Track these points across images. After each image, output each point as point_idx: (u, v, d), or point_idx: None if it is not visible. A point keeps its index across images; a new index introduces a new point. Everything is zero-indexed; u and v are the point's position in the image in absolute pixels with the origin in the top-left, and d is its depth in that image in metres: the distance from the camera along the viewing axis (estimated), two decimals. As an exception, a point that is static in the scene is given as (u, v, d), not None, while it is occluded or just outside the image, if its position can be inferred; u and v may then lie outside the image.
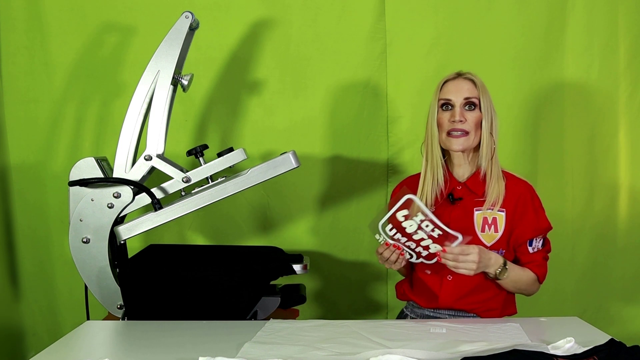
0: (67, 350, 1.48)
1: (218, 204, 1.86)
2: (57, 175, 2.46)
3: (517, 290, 1.81)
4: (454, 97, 1.75)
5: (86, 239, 1.84)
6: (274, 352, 1.39)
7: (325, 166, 2.51)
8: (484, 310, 1.80)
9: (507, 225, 1.76)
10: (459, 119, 1.73)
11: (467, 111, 1.74)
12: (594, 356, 1.27)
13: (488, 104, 1.76)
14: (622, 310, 2.50)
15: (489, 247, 1.74)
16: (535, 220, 1.77)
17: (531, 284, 1.79)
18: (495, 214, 1.75)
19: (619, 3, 2.41)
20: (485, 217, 1.75)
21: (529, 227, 1.77)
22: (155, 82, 1.88)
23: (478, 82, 1.77)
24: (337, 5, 2.45)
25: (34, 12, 2.45)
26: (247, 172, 1.84)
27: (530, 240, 1.77)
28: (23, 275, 2.55)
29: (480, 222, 1.75)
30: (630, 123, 2.45)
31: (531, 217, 1.76)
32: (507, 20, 2.42)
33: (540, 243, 1.79)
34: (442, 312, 1.82)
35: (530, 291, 1.83)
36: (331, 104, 2.49)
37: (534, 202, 1.79)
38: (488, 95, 1.78)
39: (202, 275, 1.79)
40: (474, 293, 1.78)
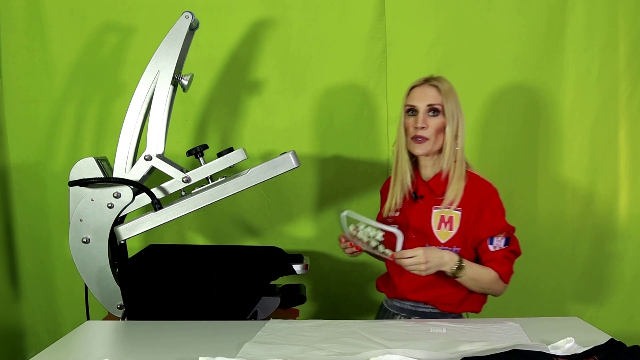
0: (67, 350, 1.48)
1: (218, 204, 1.86)
2: (57, 175, 2.47)
3: (480, 289, 1.83)
4: (418, 103, 1.83)
5: (86, 239, 1.84)
6: (274, 352, 1.39)
7: (326, 166, 2.51)
8: (440, 303, 1.85)
9: (462, 224, 1.81)
10: (421, 125, 1.81)
11: (431, 117, 1.82)
12: (594, 356, 1.27)
13: (453, 109, 1.82)
14: (622, 310, 2.50)
15: (444, 244, 1.80)
16: (490, 220, 1.80)
17: (493, 282, 1.80)
18: (452, 212, 1.82)
19: (619, 3, 2.41)
20: (442, 216, 1.82)
21: (484, 226, 1.81)
22: (155, 82, 1.87)
23: (443, 88, 1.83)
24: (337, 5, 2.45)
25: (34, 12, 2.45)
26: (247, 172, 1.84)
27: (491, 238, 1.80)
28: (23, 275, 2.55)
29: (437, 220, 1.82)
30: (630, 123, 2.45)
31: (487, 218, 1.80)
32: (507, 20, 2.42)
33: (503, 242, 1.81)
34: (405, 303, 1.89)
35: (494, 290, 1.84)
36: (331, 104, 2.49)
37: (490, 203, 1.82)
38: (454, 100, 1.84)
39: (202, 275, 1.79)
40: (431, 286, 1.83)
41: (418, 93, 1.84)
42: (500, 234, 1.81)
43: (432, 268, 1.73)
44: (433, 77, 1.86)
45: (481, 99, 2.45)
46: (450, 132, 1.81)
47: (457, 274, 1.75)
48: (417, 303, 1.87)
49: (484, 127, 2.47)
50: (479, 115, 2.46)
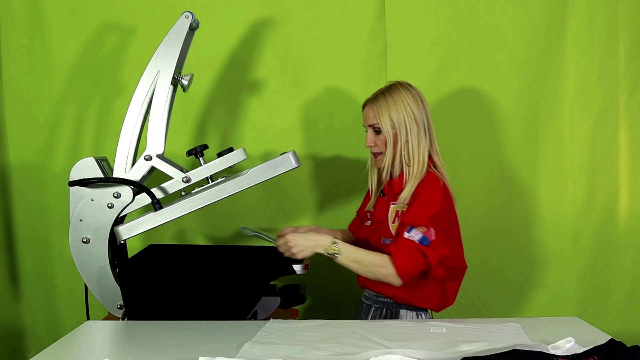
0: (67, 350, 1.48)
1: (218, 204, 1.86)
2: (57, 175, 2.46)
3: (367, 272, 1.84)
4: (364, 124, 1.98)
5: (86, 239, 1.84)
6: (274, 352, 1.39)
7: (325, 166, 2.51)
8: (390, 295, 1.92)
9: None
10: (369, 145, 1.96)
11: (377, 135, 1.95)
12: (594, 356, 1.27)
13: (388, 123, 1.90)
14: (622, 310, 2.50)
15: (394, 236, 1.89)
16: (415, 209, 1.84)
17: (379, 265, 1.81)
18: (404, 208, 1.90)
19: (619, 3, 2.41)
20: (397, 211, 1.91)
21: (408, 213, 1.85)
22: (155, 82, 1.87)
23: (376, 107, 1.93)
24: (337, 5, 2.45)
25: (34, 12, 2.45)
26: (247, 172, 1.84)
27: (410, 227, 1.82)
28: (23, 275, 2.55)
29: (393, 215, 1.92)
30: (630, 123, 2.45)
31: (414, 207, 1.85)
32: (508, 21, 2.42)
33: (419, 237, 1.81)
34: (370, 292, 1.99)
35: (384, 275, 1.82)
36: (331, 104, 2.49)
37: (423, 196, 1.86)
38: (388, 114, 1.91)
39: (202, 275, 1.79)
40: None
41: (363, 114, 1.99)
42: (420, 227, 1.81)
43: (304, 249, 1.81)
44: (373, 96, 1.95)
45: (481, 99, 2.45)
46: (391, 144, 1.91)
47: (330, 252, 1.81)
48: (378, 294, 1.96)
49: (484, 127, 2.47)
50: (479, 115, 2.46)
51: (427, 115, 1.94)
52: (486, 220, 2.48)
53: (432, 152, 1.95)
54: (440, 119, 2.46)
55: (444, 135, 2.47)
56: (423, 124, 1.92)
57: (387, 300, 1.95)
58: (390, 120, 1.90)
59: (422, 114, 1.92)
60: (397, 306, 1.93)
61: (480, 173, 2.49)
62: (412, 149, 1.91)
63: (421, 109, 1.93)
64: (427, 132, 1.93)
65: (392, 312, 1.94)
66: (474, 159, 2.48)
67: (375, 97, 1.95)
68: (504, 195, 2.49)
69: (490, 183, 2.49)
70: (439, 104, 2.45)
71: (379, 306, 1.96)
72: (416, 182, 1.89)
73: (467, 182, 2.47)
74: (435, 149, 1.95)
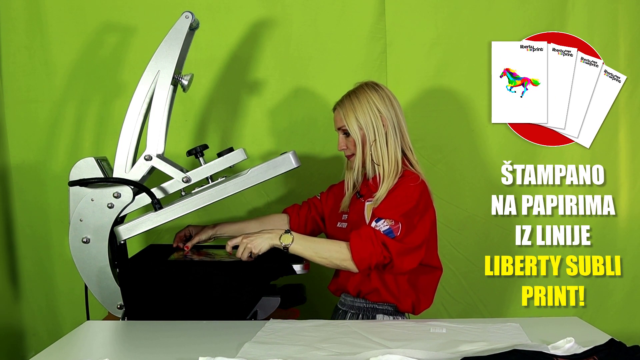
0: (67, 350, 1.48)
1: (218, 204, 1.86)
2: (57, 175, 2.46)
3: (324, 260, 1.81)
4: (335, 128, 2.00)
5: (86, 239, 1.84)
6: (274, 352, 1.39)
7: (325, 166, 2.51)
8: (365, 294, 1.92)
9: None
10: (340, 148, 1.98)
11: (347, 138, 1.96)
12: (594, 356, 1.27)
13: (355, 125, 1.91)
14: (622, 310, 2.50)
15: None
16: (387, 202, 1.83)
17: (335, 250, 1.80)
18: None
19: (619, 3, 2.41)
20: (373, 208, 1.89)
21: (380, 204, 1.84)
22: (155, 82, 1.87)
23: (343, 110, 1.94)
24: (337, 5, 2.45)
25: (34, 12, 2.45)
26: (247, 172, 1.84)
27: (379, 218, 1.81)
28: (23, 275, 2.55)
29: (369, 213, 1.90)
30: (631, 123, 2.45)
31: (386, 200, 1.84)
32: (507, 20, 2.42)
33: (385, 228, 1.79)
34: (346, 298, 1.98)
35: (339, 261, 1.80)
36: (331, 104, 2.48)
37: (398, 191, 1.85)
38: (354, 116, 1.91)
39: (202, 275, 1.79)
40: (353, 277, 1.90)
41: (333, 118, 2.00)
42: (388, 220, 1.80)
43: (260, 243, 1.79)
44: (340, 99, 1.97)
45: (481, 99, 2.45)
46: (359, 146, 1.92)
47: (285, 241, 1.79)
48: (353, 298, 1.95)
49: (484, 127, 2.47)
50: (479, 115, 2.46)
51: (397, 113, 1.93)
52: (486, 220, 2.48)
53: (406, 150, 1.94)
54: (440, 119, 2.48)
55: (444, 135, 2.49)
56: (392, 123, 1.91)
57: (364, 305, 1.93)
58: (357, 121, 1.91)
59: (391, 112, 1.91)
60: (374, 311, 1.92)
61: (480, 173, 2.49)
62: (380, 148, 1.90)
63: (389, 108, 1.91)
64: (398, 131, 1.92)
65: (369, 317, 1.92)
66: (474, 158, 2.48)
67: (342, 100, 1.97)
68: (503, 195, 2.49)
69: (490, 183, 2.48)
70: (438, 104, 2.45)
71: (355, 312, 1.95)
72: (392, 182, 1.89)
73: (467, 182, 2.47)
74: (408, 146, 1.94)
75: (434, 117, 2.47)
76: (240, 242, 1.81)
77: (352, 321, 1.72)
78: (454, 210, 2.47)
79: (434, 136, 2.46)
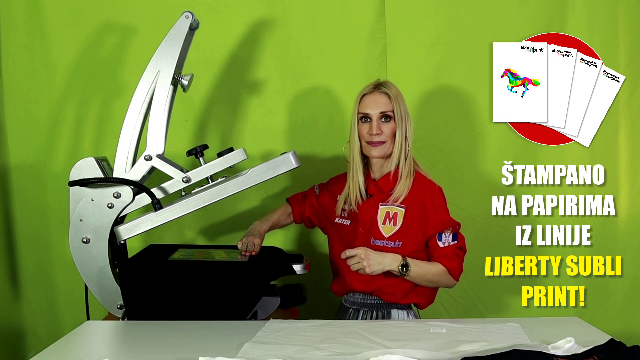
0: (67, 350, 1.48)
1: (218, 204, 1.86)
2: (57, 175, 2.46)
3: (429, 283, 1.92)
4: (371, 111, 1.93)
5: (86, 239, 1.84)
6: (274, 352, 1.39)
7: (325, 166, 2.51)
8: (383, 293, 1.93)
9: (405, 220, 1.92)
10: (376, 132, 1.91)
11: (383, 123, 1.92)
12: (594, 356, 1.27)
13: (402, 113, 1.92)
14: (622, 310, 2.50)
15: (387, 238, 1.91)
16: (435, 215, 1.91)
17: (441, 275, 1.90)
18: (396, 209, 1.93)
19: (619, 3, 2.41)
20: (387, 212, 1.93)
21: (431, 223, 1.91)
22: (155, 82, 1.88)
23: (393, 94, 1.93)
24: (337, 5, 2.45)
25: (34, 12, 2.45)
26: (247, 172, 1.84)
27: (439, 234, 1.90)
28: (23, 275, 2.55)
29: (383, 215, 1.92)
30: (631, 123, 2.45)
31: (431, 214, 1.90)
32: (507, 21, 2.42)
33: (450, 237, 1.91)
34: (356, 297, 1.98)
35: (444, 284, 1.94)
36: (331, 104, 2.49)
37: (433, 201, 1.92)
38: (403, 104, 1.93)
39: (202, 275, 1.79)
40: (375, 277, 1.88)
41: (370, 101, 1.93)
42: (447, 230, 1.91)
43: (375, 267, 1.82)
44: (381, 84, 1.96)
45: (482, 99, 2.45)
46: (401, 135, 1.91)
47: (404, 273, 1.84)
48: (365, 295, 1.96)
49: (485, 127, 2.47)
50: (479, 115, 2.46)
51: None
52: (486, 220, 2.48)
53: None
54: (440, 118, 2.48)
55: (444, 135, 2.48)
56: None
57: (377, 302, 1.95)
58: (403, 109, 1.91)
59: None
60: (388, 306, 1.95)
61: (480, 173, 2.49)
62: (410, 145, 1.93)
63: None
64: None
65: (384, 312, 1.95)
66: (474, 158, 2.48)
67: (386, 85, 1.94)
68: (503, 195, 2.49)
69: (490, 183, 2.48)
70: (438, 104, 2.45)
71: (368, 308, 1.97)
72: (409, 182, 1.91)
73: (467, 182, 2.47)
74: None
75: (434, 117, 2.47)
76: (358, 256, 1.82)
77: (352, 321, 1.72)
78: (454, 210, 2.44)
79: (434, 136, 2.47)
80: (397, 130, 1.91)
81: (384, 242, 1.91)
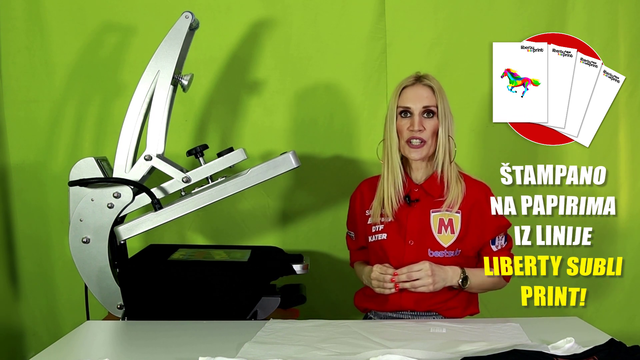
0: (67, 350, 1.48)
1: (218, 204, 1.86)
2: (57, 175, 2.46)
3: (485, 291, 1.86)
4: (413, 105, 1.76)
5: (86, 239, 1.84)
6: (274, 352, 1.39)
7: (325, 166, 2.51)
8: (445, 309, 1.81)
9: (462, 226, 1.78)
10: (418, 128, 1.75)
11: (426, 119, 1.76)
12: (594, 356, 1.27)
13: (446, 109, 1.77)
14: (622, 310, 2.50)
15: (446, 248, 1.77)
16: (493, 220, 1.75)
17: (497, 282, 1.83)
18: (452, 215, 1.78)
19: (619, 3, 2.41)
20: (441, 219, 1.78)
21: (490, 226, 1.79)
22: (155, 82, 1.88)
23: (436, 87, 1.77)
24: (337, 5, 2.45)
25: (34, 12, 2.45)
26: (247, 172, 1.84)
27: (493, 239, 1.81)
28: (23, 276, 2.55)
29: (437, 224, 1.78)
30: (631, 123, 2.45)
31: (489, 217, 1.74)
32: (507, 20, 2.42)
33: (503, 240, 1.83)
34: (405, 313, 1.82)
35: (497, 288, 1.88)
36: (331, 104, 2.49)
37: (489, 202, 1.78)
38: (445, 99, 1.78)
39: (202, 275, 1.79)
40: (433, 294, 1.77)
41: (412, 94, 1.77)
42: (502, 233, 1.82)
43: (438, 283, 1.72)
44: (423, 76, 1.80)
45: (482, 99, 2.45)
46: (445, 132, 1.76)
47: (464, 286, 1.76)
48: (417, 312, 1.82)
49: (484, 127, 2.47)
50: (479, 115, 2.46)
51: None
52: (486, 220, 2.48)
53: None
54: (440, 119, 2.48)
55: (444, 135, 2.49)
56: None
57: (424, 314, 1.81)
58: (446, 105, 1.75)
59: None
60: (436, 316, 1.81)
61: (480, 173, 2.48)
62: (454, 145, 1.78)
63: None
64: None
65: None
66: (474, 158, 2.48)
67: (428, 78, 1.78)
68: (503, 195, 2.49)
69: (490, 183, 2.48)
70: (438, 104, 2.45)
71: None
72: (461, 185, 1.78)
73: (467, 182, 2.47)
74: None
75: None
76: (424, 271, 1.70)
77: (352, 321, 1.72)
78: (454, 210, 2.47)
79: (434, 136, 2.47)
80: (439, 128, 1.74)
81: (444, 252, 1.75)
